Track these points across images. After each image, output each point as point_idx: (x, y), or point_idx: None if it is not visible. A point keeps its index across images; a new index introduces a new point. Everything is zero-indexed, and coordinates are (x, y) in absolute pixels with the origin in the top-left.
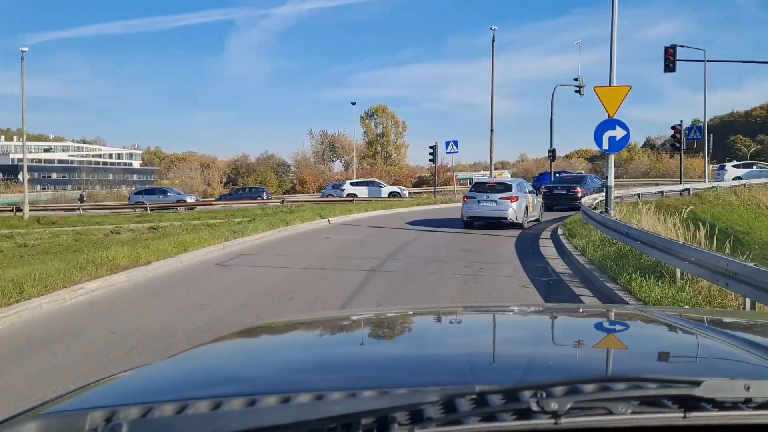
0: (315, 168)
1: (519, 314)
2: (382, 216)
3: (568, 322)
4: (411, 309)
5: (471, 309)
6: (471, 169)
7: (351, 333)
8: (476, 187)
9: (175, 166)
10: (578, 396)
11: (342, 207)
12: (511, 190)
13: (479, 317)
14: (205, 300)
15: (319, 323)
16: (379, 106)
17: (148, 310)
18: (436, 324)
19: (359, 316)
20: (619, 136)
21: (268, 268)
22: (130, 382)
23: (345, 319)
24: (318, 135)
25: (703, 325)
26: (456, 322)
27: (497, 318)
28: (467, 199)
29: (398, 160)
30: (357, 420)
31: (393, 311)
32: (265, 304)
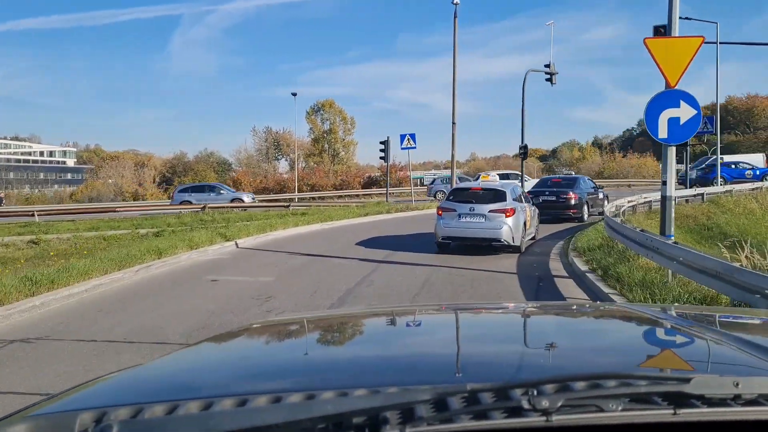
0: (258, 167)
1: (509, 313)
2: (318, 233)
3: (558, 320)
4: (403, 308)
5: (462, 308)
6: (422, 168)
7: (342, 332)
8: (456, 195)
9: (107, 165)
10: (569, 393)
11: (265, 221)
12: (505, 200)
13: (470, 316)
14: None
15: (311, 323)
16: (326, 101)
17: None
18: (427, 323)
19: (351, 315)
20: (685, 118)
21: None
22: (121, 383)
23: (336, 318)
24: (262, 132)
25: (692, 322)
26: (447, 321)
27: (488, 317)
28: (443, 211)
29: (347, 158)
30: (349, 419)
31: (385, 310)
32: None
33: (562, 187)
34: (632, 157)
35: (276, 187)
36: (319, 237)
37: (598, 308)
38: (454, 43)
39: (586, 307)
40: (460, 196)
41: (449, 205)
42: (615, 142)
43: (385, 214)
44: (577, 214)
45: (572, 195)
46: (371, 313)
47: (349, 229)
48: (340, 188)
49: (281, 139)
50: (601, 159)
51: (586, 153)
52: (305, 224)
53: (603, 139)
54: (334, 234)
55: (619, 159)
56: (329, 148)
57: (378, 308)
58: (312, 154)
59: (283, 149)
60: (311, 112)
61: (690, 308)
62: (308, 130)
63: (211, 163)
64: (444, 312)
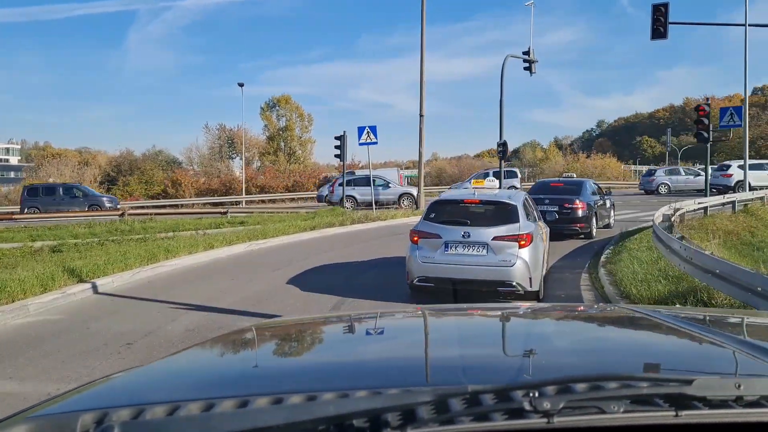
0: (211, 166)
1: (511, 315)
2: (239, 260)
3: (560, 322)
4: (404, 310)
5: (464, 310)
6: (383, 168)
7: (343, 334)
8: (439, 212)
9: (47, 163)
10: (570, 395)
11: (170, 241)
12: (516, 219)
13: (472, 318)
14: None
15: (312, 324)
16: (282, 97)
17: None
18: (428, 325)
19: (352, 317)
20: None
21: None
22: (122, 384)
23: (337, 320)
24: (215, 129)
25: (694, 323)
26: (448, 323)
27: (490, 319)
28: (420, 237)
29: (304, 157)
30: (350, 421)
31: (386, 313)
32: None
33: (565, 193)
34: (596, 158)
35: (221, 189)
36: (238, 268)
37: (600, 310)
38: (421, 26)
39: (587, 308)
40: (446, 214)
41: (430, 227)
42: (575, 142)
43: (338, 226)
44: (585, 229)
45: (579, 204)
46: (373, 315)
47: (285, 252)
48: (293, 190)
49: (235, 136)
50: (565, 160)
51: (549, 153)
52: (225, 244)
53: (563, 140)
54: (261, 262)
55: (583, 159)
56: (285, 146)
57: (379, 310)
58: (267, 153)
59: (237, 147)
60: (266, 108)
61: (691, 310)
62: (263, 128)
63: (160, 161)
64: (445, 314)
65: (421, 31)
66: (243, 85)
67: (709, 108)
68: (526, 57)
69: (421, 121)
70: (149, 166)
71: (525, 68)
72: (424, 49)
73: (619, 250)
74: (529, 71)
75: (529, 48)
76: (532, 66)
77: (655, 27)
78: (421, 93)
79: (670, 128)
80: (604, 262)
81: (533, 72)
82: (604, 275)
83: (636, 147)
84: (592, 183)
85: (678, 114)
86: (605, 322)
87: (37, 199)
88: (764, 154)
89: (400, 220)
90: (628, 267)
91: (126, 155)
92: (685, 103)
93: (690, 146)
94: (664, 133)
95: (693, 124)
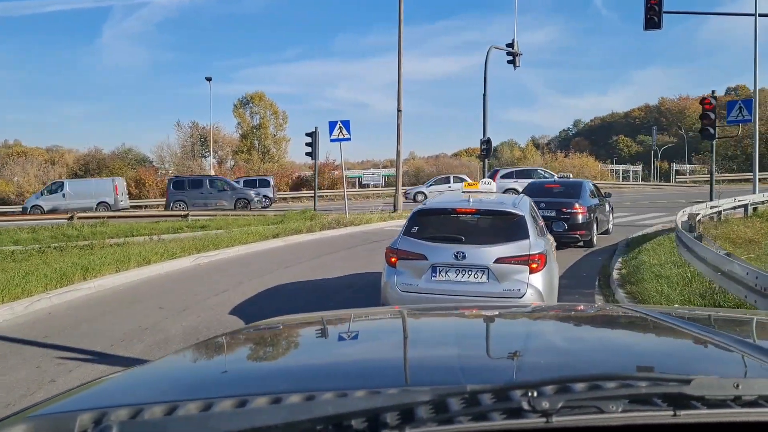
0: (182, 164)
1: (510, 314)
2: (180, 280)
3: (558, 322)
4: (402, 310)
5: (462, 310)
6: (360, 167)
7: (342, 333)
8: (423, 225)
9: (12, 161)
10: (569, 395)
11: (96, 257)
12: (525, 235)
13: (470, 318)
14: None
15: (310, 323)
16: (256, 93)
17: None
18: (427, 324)
19: (351, 316)
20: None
21: None
22: (121, 384)
23: (336, 319)
24: (188, 126)
25: (692, 323)
26: (447, 323)
27: (488, 318)
28: (399, 258)
29: (278, 155)
30: (349, 420)
31: (384, 312)
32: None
33: (563, 196)
34: (574, 157)
35: None
36: (174, 291)
37: (599, 309)
38: (399, 16)
39: (586, 308)
40: (432, 228)
41: (412, 245)
42: (552, 141)
43: (305, 233)
44: (585, 237)
45: (579, 209)
46: (372, 314)
47: (240, 266)
48: None
49: (208, 134)
50: (543, 159)
51: (526, 152)
52: (166, 258)
53: (540, 139)
54: (207, 281)
55: (561, 159)
56: (259, 144)
57: (378, 309)
58: (240, 151)
59: (210, 145)
60: (239, 105)
61: (690, 310)
62: (236, 125)
63: (129, 160)
64: (444, 314)
65: (399, 21)
66: (210, 79)
67: (715, 101)
68: (510, 50)
69: (398, 116)
70: (118, 164)
71: (509, 62)
72: (401, 40)
73: (634, 265)
74: (513, 65)
75: (512, 40)
76: (516, 59)
77: (649, 16)
78: (399, 86)
79: (655, 126)
80: (619, 280)
81: (517, 65)
82: (625, 299)
83: (612, 146)
84: (590, 184)
85: (653, 113)
86: (604, 321)
87: (184, 192)
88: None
89: (376, 225)
90: (656, 289)
91: (94, 153)
92: (660, 102)
93: (669, 145)
94: (640, 132)
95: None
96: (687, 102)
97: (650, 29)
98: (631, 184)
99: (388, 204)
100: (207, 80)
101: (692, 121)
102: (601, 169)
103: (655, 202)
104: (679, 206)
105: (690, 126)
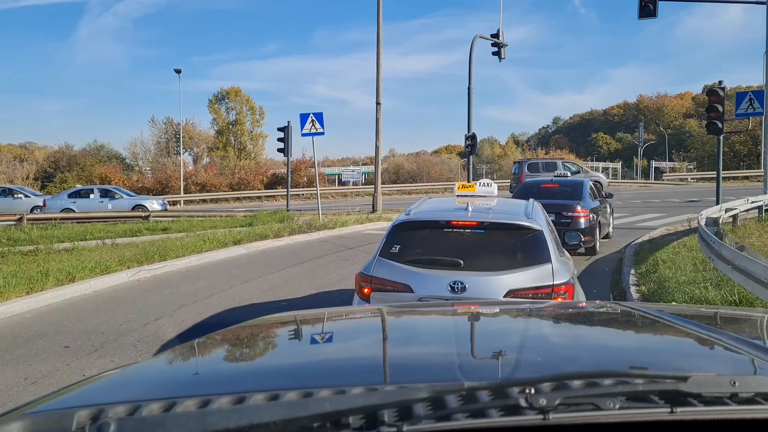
0: (157, 162)
1: (507, 312)
2: (105, 300)
3: (556, 319)
4: (400, 307)
5: (459, 307)
6: (340, 164)
7: (340, 330)
8: (407, 242)
9: None
10: (566, 392)
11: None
12: (546, 255)
13: (468, 315)
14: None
15: (308, 320)
16: (231, 89)
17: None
18: (424, 322)
19: (348, 313)
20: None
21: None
22: (118, 381)
23: (334, 315)
24: (162, 123)
25: (689, 321)
26: (445, 320)
27: (486, 316)
28: (373, 289)
29: (255, 152)
30: (346, 417)
31: (383, 308)
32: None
33: (563, 197)
34: (554, 154)
35: (156, 187)
36: (92, 321)
37: (596, 307)
38: (378, 6)
39: (583, 306)
40: (419, 247)
41: (391, 271)
42: (532, 139)
43: (272, 238)
44: (588, 243)
45: (581, 212)
46: (369, 312)
47: (187, 282)
48: (237, 188)
49: (184, 131)
50: (523, 156)
51: (507, 150)
52: (98, 273)
53: (520, 137)
54: (137, 306)
55: (542, 156)
56: (235, 141)
57: (376, 306)
58: (216, 148)
59: (185, 142)
60: (214, 100)
61: (687, 307)
62: (211, 121)
63: (101, 156)
64: (442, 311)
65: (378, 12)
66: (180, 71)
67: (723, 93)
68: (495, 40)
69: (377, 109)
70: (89, 161)
71: (494, 53)
72: (380, 27)
73: (655, 280)
74: (498, 56)
75: (498, 30)
76: (502, 51)
77: (644, 4)
78: (377, 78)
79: (642, 123)
80: (639, 299)
81: (503, 57)
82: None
83: (592, 143)
84: (591, 184)
85: (632, 111)
86: (601, 319)
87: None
88: (739, 151)
89: (352, 228)
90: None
91: (64, 150)
92: (638, 100)
93: (651, 143)
94: (619, 129)
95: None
96: (665, 99)
97: (645, 17)
98: (618, 182)
99: (367, 204)
100: (176, 72)
101: (670, 119)
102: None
103: (648, 202)
104: (675, 206)
105: (668, 123)
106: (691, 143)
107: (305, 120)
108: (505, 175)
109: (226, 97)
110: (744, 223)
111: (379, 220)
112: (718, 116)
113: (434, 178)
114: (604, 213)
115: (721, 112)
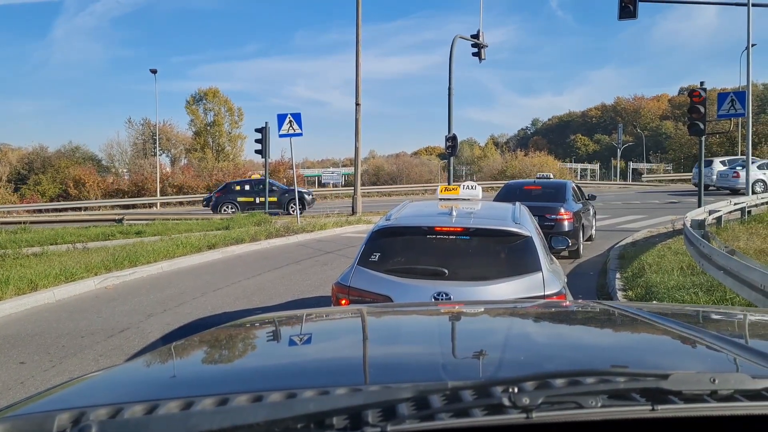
0: (134, 163)
1: (490, 311)
2: (68, 310)
3: (539, 319)
4: (384, 307)
5: (444, 307)
6: (320, 165)
7: (323, 330)
8: (387, 250)
9: None
10: (549, 391)
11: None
12: (536, 264)
13: (452, 315)
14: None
15: (291, 321)
16: (210, 89)
17: None
18: (408, 322)
19: (333, 313)
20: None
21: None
22: (100, 383)
23: (317, 316)
24: (139, 124)
25: (670, 319)
26: (428, 320)
27: (470, 315)
28: (350, 301)
29: (233, 154)
30: (330, 417)
31: (366, 309)
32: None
33: (545, 199)
34: (534, 156)
35: (132, 189)
36: (53, 333)
37: (579, 306)
38: (357, 5)
39: (566, 305)
40: (401, 255)
41: (370, 282)
42: (511, 140)
43: (248, 242)
44: (572, 246)
45: (564, 214)
46: (353, 312)
47: (154, 291)
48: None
49: (161, 132)
50: (503, 158)
51: (486, 151)
52: (62, 281)
53: (499, 138)
54: (102, 316)
55: (521, 157)
56: (213, 142)
57: (360, 307)
58: (193, 149)
59: (162, 143)
60: (192, 101)
61: (669, 306)
62: (189, 122)
63: (77, 158)
64: (426, 311)
65: (357, 13)
66: (156, 71)
67: (705, 93)
68: (475, 41)
69: (357, 110)
70: (64, 163)
71: (474, 54)
72: (359, 26)
73: (642, 285)
74: (478, 57)
75: (478, 31)
76: (482, 51)
77: (624, 5)
78: (357, 79)
79: (621, 124)
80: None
81: (483, 58)
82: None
83: (570, 145)
84: (573, 186)
85: (610, 113)
86: (584, 318)
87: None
88: (716, 152)
89: (331, 231)
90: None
91: (39, 151)
92: (616, 102)
93: (628, 144)
94: (597, 131)
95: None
96: (642, 101)
97: (625, 18)
98: (597, 183)
99: (347, 206)
100: (152, 72)
101: (647, 120)
102: (560, 168)
103: (629, 203)
104: (655, 207)
105: (645, 125)
106: (669, 144)
107: (283, 121)
108: (485, 176)
109: (204, 98)
110: (727, 224)
111: (359, 222)
112: (699, 117)
113: (414, 179)
114: (588, 215)
115: (703, 113)
